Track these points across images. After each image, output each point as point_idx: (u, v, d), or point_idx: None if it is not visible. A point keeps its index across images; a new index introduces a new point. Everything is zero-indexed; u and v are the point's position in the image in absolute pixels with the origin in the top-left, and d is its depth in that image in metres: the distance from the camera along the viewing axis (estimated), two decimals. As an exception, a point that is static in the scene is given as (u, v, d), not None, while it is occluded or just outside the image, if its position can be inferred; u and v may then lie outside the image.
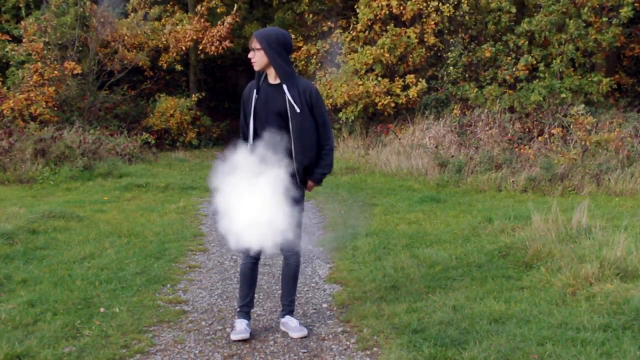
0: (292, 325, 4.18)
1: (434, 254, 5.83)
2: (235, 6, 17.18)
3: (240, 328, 4.10)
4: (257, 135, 3.99)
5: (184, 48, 16.81)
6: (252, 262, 4.17)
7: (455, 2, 14.19)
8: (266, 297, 4.94)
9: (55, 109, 13.53)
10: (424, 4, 14.11)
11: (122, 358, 3.77)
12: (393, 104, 13.69)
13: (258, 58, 3.96)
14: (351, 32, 14.80)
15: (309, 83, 4.07)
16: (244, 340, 4.05)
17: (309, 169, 4.06)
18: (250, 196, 3.84)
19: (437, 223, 7.35)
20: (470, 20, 14.32)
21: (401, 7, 13.99)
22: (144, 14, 16.49)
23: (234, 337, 4.06)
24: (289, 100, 3.93)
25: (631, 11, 12.53)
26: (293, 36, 16.36)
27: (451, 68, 13.83)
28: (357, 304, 4.65)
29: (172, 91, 17.83)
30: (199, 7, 17.16)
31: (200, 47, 17.00)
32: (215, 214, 4.00)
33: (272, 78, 4.02)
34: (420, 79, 13.88)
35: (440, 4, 14.12)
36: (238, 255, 6.20)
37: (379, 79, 13.81)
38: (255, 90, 4.03)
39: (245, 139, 4.05)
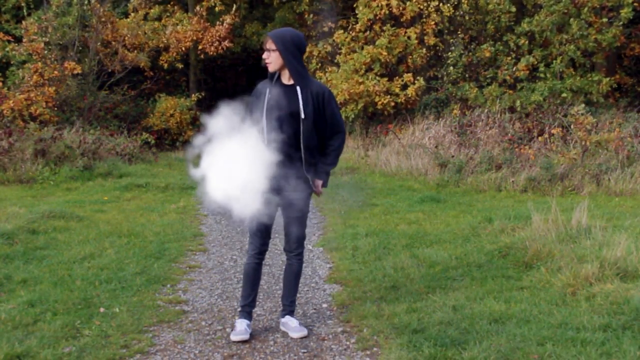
0: (292, 325, 4.18)
1: (434, 254, 5.83)
2: (234, 6, 17.16)
3: (241, 329, 4.09)
4: (268, 134, 3.98)
5: (184, 48, 16.80)
6: (255, 263, 4.17)
7: (455, 2, 14.19)
8: (266, 297, 4.94)
9: (55, 109, 13.53)
10: (425, 4, 14.12)
11: (122, 358, 3.76)
12: (393, 104, 13.69)
13: (273, 59, 3.96)
14: (350, 32, 14.80)
15: (322, 85, 4.08)
16: (244, 341, 4.05)
17: (316, 166, 4.09)
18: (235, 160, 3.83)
19: (437, 223, 7.35)
20: (470, 20, 14.33)
21: (401, 8, 14.00)
22: (144, 14, 16.48)
23: (233, 337, 4.06)
24: (300, 104, 3.95)
25: (631, 12, 12.54)
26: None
27: (451, 68, 13.83)
28: (357, 304, 4.65)
29: (172, 91, 17.83)
30: (198, 7, 17.15)
31: (200, 48, 16.99)
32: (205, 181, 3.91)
33: (286, 79, 4.03)
34: (418, 77, 13.87)
35: (440, 4, 14.12)
36: (239, 255, 6.21)
37: (378, 78, 13.81)
38: (268, 90, 4.03)
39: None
